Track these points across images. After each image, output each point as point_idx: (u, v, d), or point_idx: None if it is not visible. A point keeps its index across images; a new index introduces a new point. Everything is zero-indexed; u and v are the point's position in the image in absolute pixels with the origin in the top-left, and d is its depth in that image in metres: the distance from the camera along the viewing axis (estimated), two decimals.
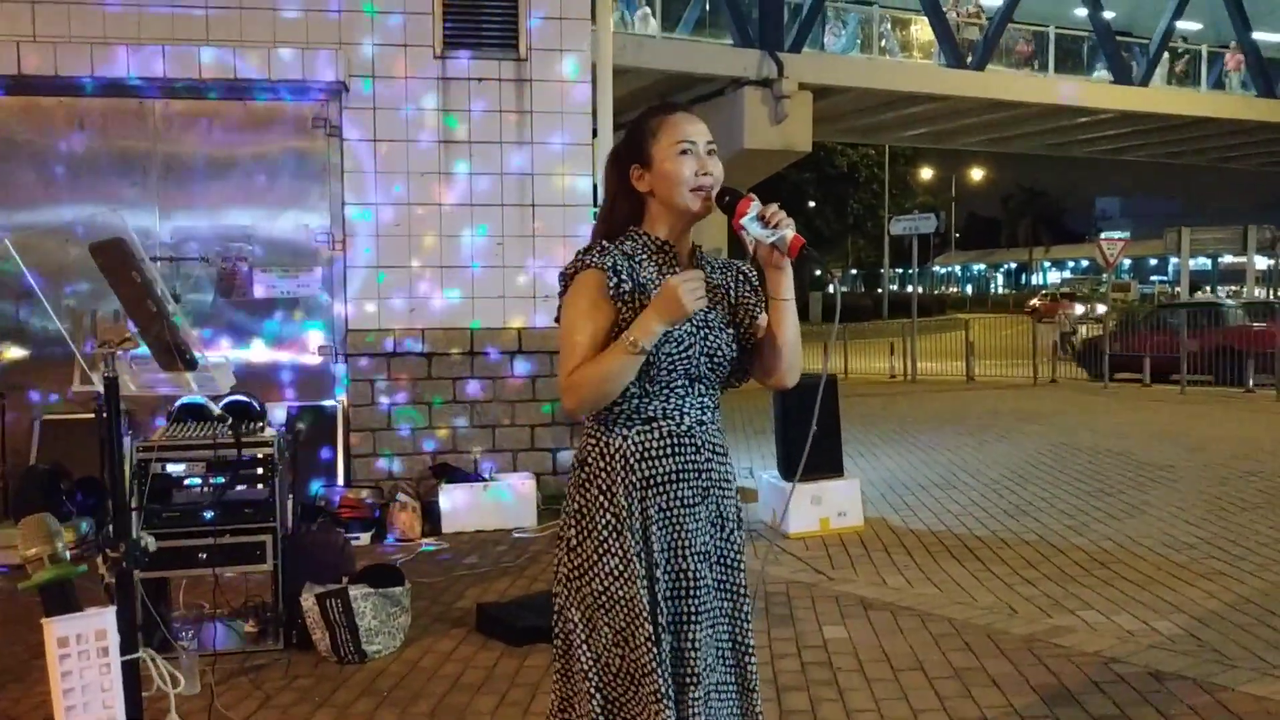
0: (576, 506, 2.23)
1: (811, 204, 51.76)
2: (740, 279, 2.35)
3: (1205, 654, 4.21)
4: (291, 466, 4.94)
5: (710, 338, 2.22)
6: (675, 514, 2.19)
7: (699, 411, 2.22)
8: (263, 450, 4.32)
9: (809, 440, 2.46)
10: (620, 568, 2.16)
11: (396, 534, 6.39)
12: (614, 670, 2.17)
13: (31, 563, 2.27)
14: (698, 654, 2.16)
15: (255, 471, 4.30)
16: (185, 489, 4.22)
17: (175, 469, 4.21)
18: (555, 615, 2.26)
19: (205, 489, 4.22)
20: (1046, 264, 73.77)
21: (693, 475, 2.20)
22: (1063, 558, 5.81)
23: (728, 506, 2.27)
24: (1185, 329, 15.85)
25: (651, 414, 2.19)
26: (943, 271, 79.90)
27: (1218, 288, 39.34)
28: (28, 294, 6.39)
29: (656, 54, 19.90)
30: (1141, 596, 5.03)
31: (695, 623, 2.17)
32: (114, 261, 2.15)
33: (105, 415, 1.87)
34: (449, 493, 6.61)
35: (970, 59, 23.46)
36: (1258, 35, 27.38)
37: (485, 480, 6.78)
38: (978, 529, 6.56)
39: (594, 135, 7.23)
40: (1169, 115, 26.46)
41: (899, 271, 59.98)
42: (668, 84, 21.03)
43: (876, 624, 4.68)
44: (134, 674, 1.83)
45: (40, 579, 2.22)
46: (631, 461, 2.17)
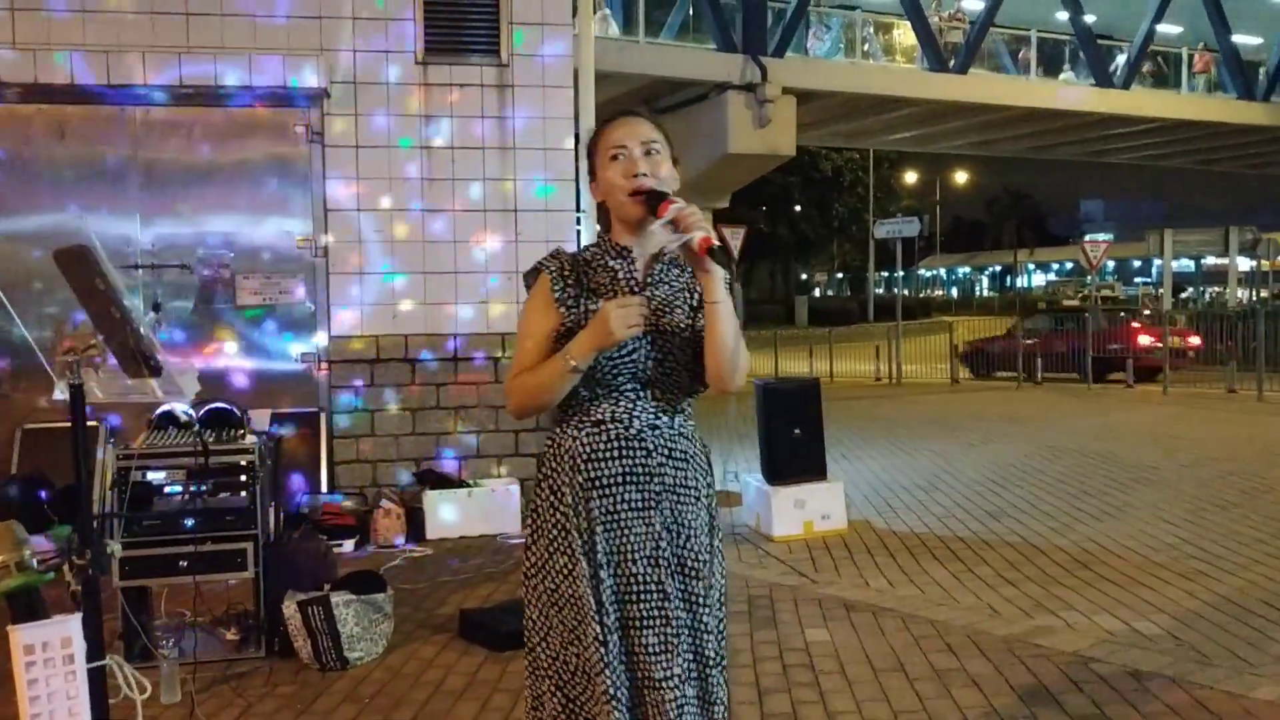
0: (533, 505, 2.29)
1: (797, 208, 51.95)
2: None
3: (1184, 653, 4.24)
4: (273, 474, 4.93)
5: (660, 342, 2.22)
6: (621, 517, 2.19)
7: (651, 415, 2.23)
8: (243, 457, 4.31)
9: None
10: (569, 566, 2.19)
11: (380, 540, 6.38)
12: (571, 668, 2.19)
13: None
14: (652, 658, 2.15)
15: (236, 479, 4.29)
16: (165, 497, 4.21)
17: (155, 477, 4.19)
18: (523, 612, 2.31)
19: (186, 497, 4.21)
20: (1031, 267, 74.07)
21: (642, 479, 2.20)
22: (1044, 559, 5.84)
23: (685, 513, 2.23)
24: (1051, 332, 18.25)
25: (600, 416, 2.22)
26: (928, 275, 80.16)
27: (1201, 288, 39.54)
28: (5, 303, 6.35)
29: (640, 59, 19.93)
30: (1122, 596, 5.06)
31: (646, 627, 2.17)
32: (77, 268, 2.15)
33: (72, 421, 1.87)
34: (433, 499, 6.61)
35: (953, 63, 23.57)
36: (1237, 38, 27.57)
37: (469, 486, 6.78)
38: (960, 531, 6.59)
39: (576, 141, 7.24)
40: (1149, 118, 26.62)
41: (884, 275, 60.15)
42: (652, 89, 21.06)
43: (859, 626, 4.69)
44: (101, 681, 1.83)
45: (6, 586, 2.21)
46: (579, 462, 2.21)
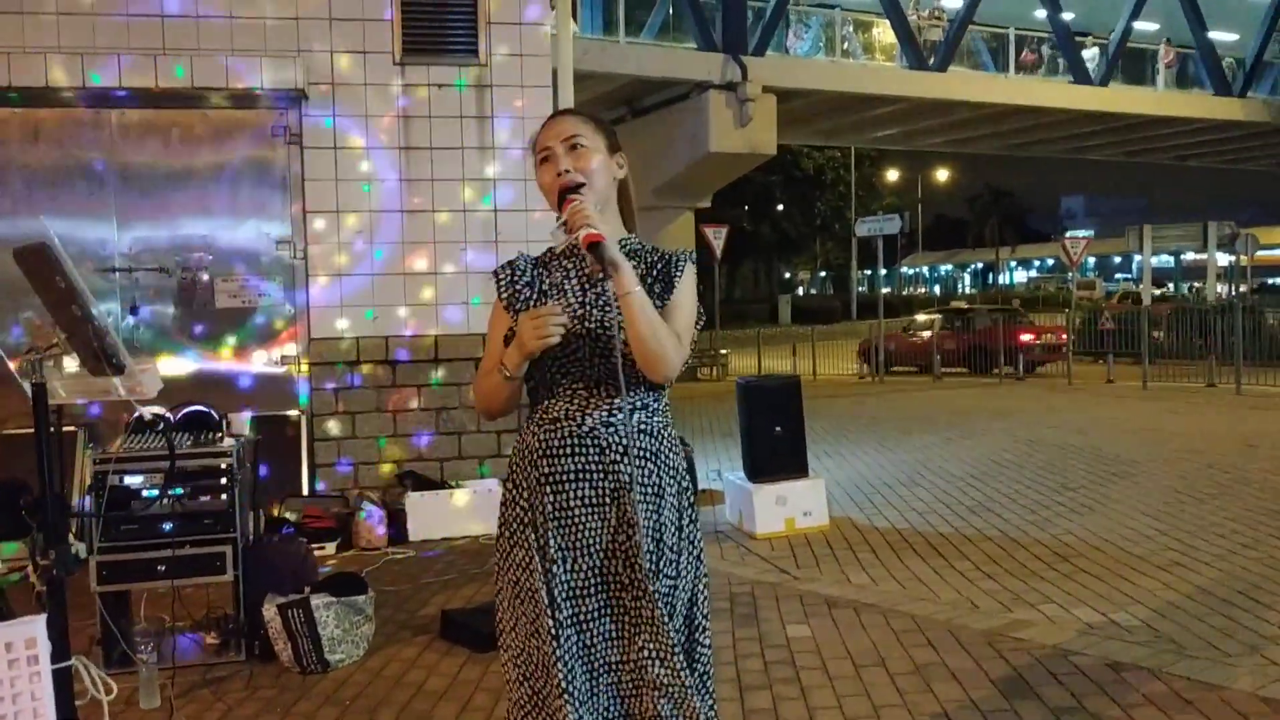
0: (501, 500, 2.34)
1: (779, 207, 52.01)
2: (658, 271, 2.33)
3: (1161, 644, 4.27)
4: (253, 476, 4.91)
5: (606, 338, 2.22)
6: (574, 513, 2.22)
7: (605, 413, 2.23)
8: (222, 460, 4.30)
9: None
10: (526, 560, 2.23)
11: (362, 543, 6.36)
12: (534, 661, 2.22)
13: None
14: (609, 644, 2.21)
15: (214, 482, 4.27)
16: (143, 500, 4.19)
17: (133, 480, 4.17)
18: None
19: (164, 500, 4.19)
20: (1013, 264, 74.39)
21: (595, 475, 2.22)
22: (1024, 552, 5.88)
23: (642, 510, 2.22)
24: (942, 330, 20.11)
25: (556, 414, 2.26)
26: (910, 272, 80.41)
27: (1181, 283, 39.75)
28: None
29: (620, 59, 19.94)
30: (1100, 589, 5.10)
31: (604, 616, 2.22)
32: (37, 267, 2.15)
33: (35, 420, 1.87)
34: (415, 500, 6.60)
35: (932, 60, 23.66)
36: (1214, 35, 27.77)
37: (451, 487, 6.77)
38: (941, 526, 6.62)
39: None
40: (1127, 114, 26.79)
41: (867, 273, 60.31)
42: (632, 89, 21.08)
43: (840, 622, 4.71)
44: (67, 683, 1.82)
45: None
46: (535, 458, 2.25)
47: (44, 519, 1.86)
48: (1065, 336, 19.13)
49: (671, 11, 21.75)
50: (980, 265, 76.17)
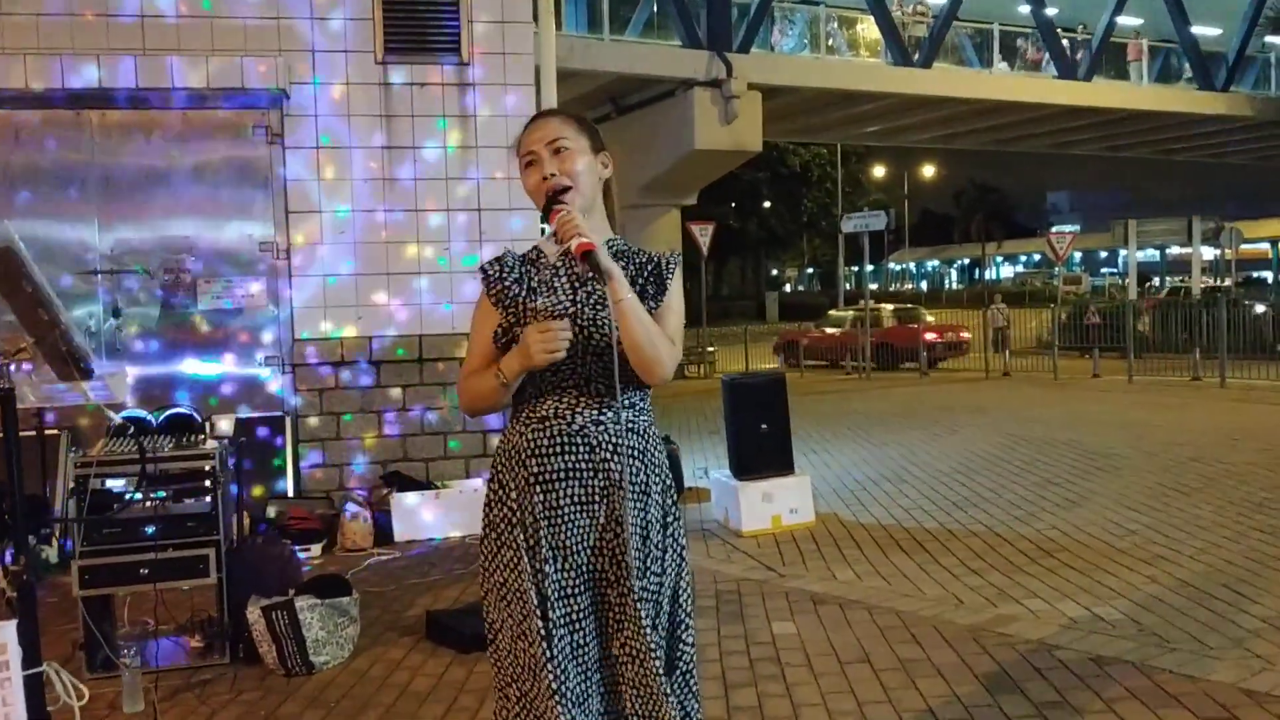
0: (485, 500, 2.32)
1: (766, 204, 52.03)
2: (648, 273, 2.34)
3: (1145, 638, 4.29)
4: (237, 479, 4.90)
5: (596, 337, 2.23)
6: (564, 511, 2.21)
7: (595, 411, 2.23)
8: (205, 463, 4.28)
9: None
10: (514, 560, 2.22)
11: (348, 544, 6.34)
12: (521, 664, 2.21)
13: None
14: (595, 644, 2.21)
15: (197, 484, 4.25)
16: (125, 503, 4.17)
17: (114, 484, 4.15)
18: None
19: (146, 503, 4.16)
20: (999, 259, 74.56)
21: (585, 474, 2.22)
22: (1009, 548, 5.89)
23: (630, 508, 2.23)
24: (852, 328, 21.62)
25: (545, 413, 2.24)
26: (897, 268, 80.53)
27: (1166, 277, 39.88)
28: None
29: (604, 57, 19.92)
30: (1084, 583, 5.12)
31: (593, 614, 2.22)
32: (3, 270, 2.12)
33: (2, 427, 1.85)
34: (400, 501, 6.58)
35: (917, 57, 23.70)
36: (1196, 29, 27.88)
37: (437, 487, 6.75)
38: (927, 522, 6.64)
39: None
40: (1111, 109, 26.88)
41: (854, 269, 60.38)
42: (617, 86, 21.07)
43: (825, 618, 4.72)
44: (38, 689, 1.81)
45: None
46: (524, 458, 2.23)
47: (14, 525, 1.85)
48: (965, 335, 21.05)
49: (656, 9, 21.74)
50: (966, 261, 76.36)
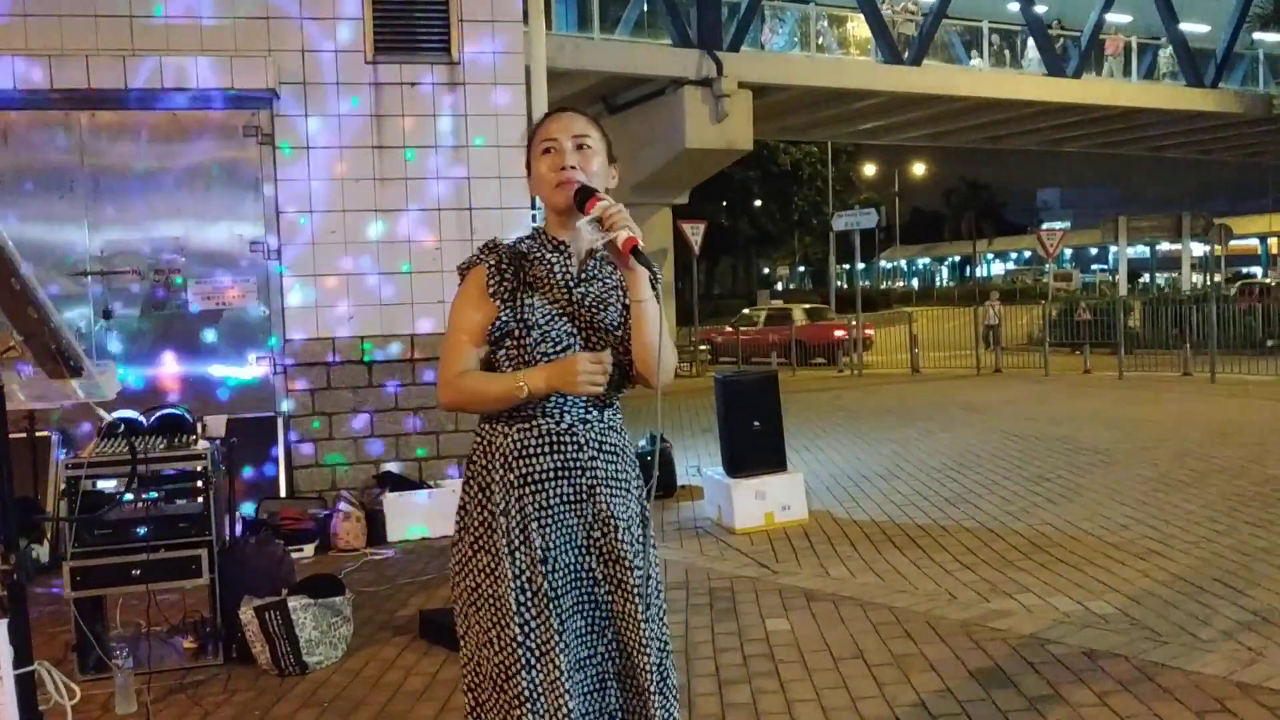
0: (460, 503, 2.29)
1: (757, 202, 52.04)
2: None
3: (1137, 632, 4.30)
4: (229, 479, 4.88)
5: (593, 338, 2.23)
6: (555, 511, 2.20)
7: (581, 410, 2.23)
8: (196, 464, 4.27)
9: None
10: (491, 565, 2.19)
11: (340, 544, 6.33)
12: (483, 673, 2.21)
13: None
14: (579, 640, 2.21)
15: (189, 485, 4.24)
16: (117, 505, 4.15)
17: (105, 485, 4.14)
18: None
19: (138, 504, 4.15)
20: (990, 256, 74.71)
21: (574, 473, 2.21)
22: (1001, 543, 5.91)
23: (617, 505, 2.24)
24: (765, 326, 23.30)
25: (531, 412, 2.21)
26: (889, 266, 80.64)
27: (1156, 274, 40.09)
28: None
29: (594, 56, 19.93)
30: (1077, 578, 5.13)
31: (577, 613, 2.21)
32: None
33: None
34: (393, 501, 6.57)
35: (907, 55, 23.75)
36: (1185, 26, 27.98)
37: (428, 487, 6.75)
38: (920, 518, 6.65)
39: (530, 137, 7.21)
40: (1101, 106, 26.97)
41: (845, 267, 60.44)
42: (608, 85, 21.07)
43: (818, 615, 4.72)
44: (30, 688, 1.81)
45: None
46: (510, 459, 2.20)
47: (4, 524, 1.84)
48: (870, 332, 22.54)
49: (646, 8, 21.76)
50: (958, 258, 76.50)
